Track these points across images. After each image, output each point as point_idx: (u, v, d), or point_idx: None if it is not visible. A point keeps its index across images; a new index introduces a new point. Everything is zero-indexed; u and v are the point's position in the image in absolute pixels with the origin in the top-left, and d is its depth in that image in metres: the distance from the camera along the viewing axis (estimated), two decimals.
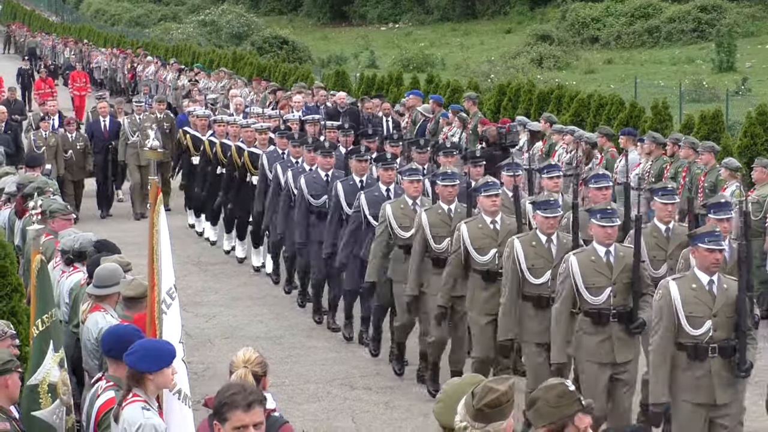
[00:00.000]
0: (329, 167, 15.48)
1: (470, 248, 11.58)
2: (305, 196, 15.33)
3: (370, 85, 30.83)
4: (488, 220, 11.66)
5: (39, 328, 7.80)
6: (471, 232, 11.61)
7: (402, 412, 12.11)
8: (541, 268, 10.78)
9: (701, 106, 26.37)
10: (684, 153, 17.23)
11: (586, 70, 46.50)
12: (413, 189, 12.93)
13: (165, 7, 77.53)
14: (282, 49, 54.84)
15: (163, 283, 7.39)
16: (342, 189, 14.47)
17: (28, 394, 7.58)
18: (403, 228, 12.72)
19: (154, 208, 7.52)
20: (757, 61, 44.48)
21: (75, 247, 10.60)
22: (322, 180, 15.39)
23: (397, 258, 12.85)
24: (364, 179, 14.55)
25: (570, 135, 19.19)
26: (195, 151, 20.64)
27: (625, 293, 10.09)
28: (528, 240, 10.87)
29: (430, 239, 12.24)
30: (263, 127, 18.84)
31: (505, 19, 63.93)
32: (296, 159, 16.54)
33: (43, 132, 22.15)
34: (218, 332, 15.09)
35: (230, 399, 5.70)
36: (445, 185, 12.35)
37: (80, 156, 22.42)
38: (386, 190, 13.88)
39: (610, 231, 10.08)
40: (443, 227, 12.24)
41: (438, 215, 12.33)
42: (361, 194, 13.88)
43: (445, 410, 5.37)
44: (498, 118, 24.19)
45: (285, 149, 17.27)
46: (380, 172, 14.03)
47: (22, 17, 79.22)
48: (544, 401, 5.39)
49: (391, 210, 12.87)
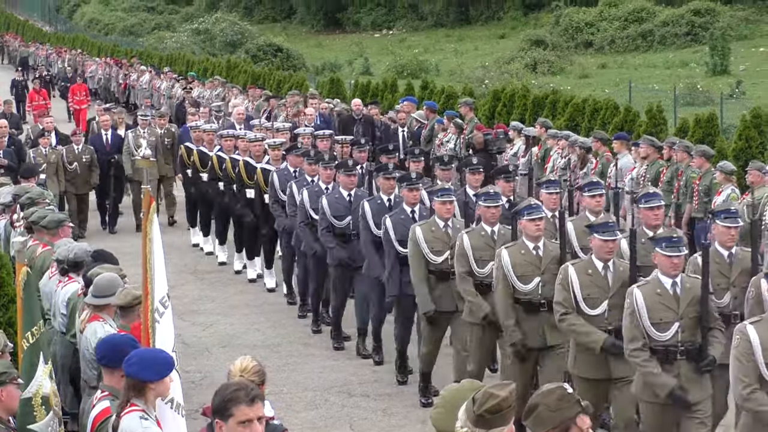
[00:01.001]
0: (352, 186, 14.45)
1: (512, 276, 10.71)
2: (328, 218, 14.32)
3: (365, 92, 30.86)
4: (531, 246, 10.76)
5: (29, 341, 7.81)
6: (513, 259, 10.73)
7: (400, 419, 12.09)
8: (596, 298, 9.93)
9: (696, 110, 26.42)
10: (679, 156, 17.24)
11: (581, 75, 46.55)
12: (445, 210, 12.06)
13: (159, 16, 77.60)
14: (276, 57, 54.88)
15: (156, 291, 7.39)
16: (369, 209, 13.49)
17: (22, 407, 7.58)
18: (435, 252, 11.95)
19: (147, 217, 7.52)
20: (751, 64, 44.54)
21: (70, 257, 10.58)
22: (344, 200, 14.37)
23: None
24: (392, 198, 13.61)
25: (565, 140, 19.20)
26: (202, 168, 19.55)
27: (693, 328, 9.29)
28: (583, 267, 10.03)
29: (473, 263, 11.38)
30: (276, 143, 17.67)
31: (498, 25, 64.02)
32: (312, 177, 15.49)
33: (43, 148, 21.36)
34: (215, 341, 15.07)
35: (233, 395, 5.76)
36: (488, 206, 11.48)
37: (85, 169, 21.62)
38: (411, 211, 12.92)
39: (677, 261, 9.28)
40: (487, 250, 11.37)
41: (481, 237, 11.46)
42: (387, 218, 12.88)
43: (442, 416, 5.36)
44: (493, 123, 24.21)
45: (297, 167, 16.33)
46: (405, 193, 13.03)
47: (15, 27, 79.21)
48: (544, 406, 5.37)
49: (422, 233, 12.02)
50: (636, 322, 9.22)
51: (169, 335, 7.42)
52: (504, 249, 10.82)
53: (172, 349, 7.37)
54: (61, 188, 21.15)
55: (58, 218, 12.24)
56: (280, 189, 16.20)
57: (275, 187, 16.31)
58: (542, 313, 10.63)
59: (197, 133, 20.36)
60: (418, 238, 12.00)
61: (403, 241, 12.40)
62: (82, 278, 10.16)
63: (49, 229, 11.91)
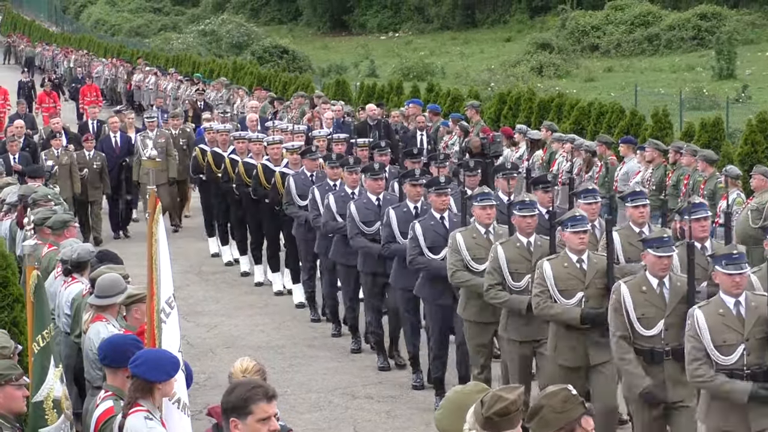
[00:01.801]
0: (380, 190, 13.86)
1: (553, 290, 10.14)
2: (357, 224, 13.68)
3: (370, 94, 30.88)
4: (574, 258, 10.16)
5: (40, 344, 7.82)
6: (555, 271, 10.13)
7: (404, 421, 12.10)
8: (652, 317, 9.34)
9: (701, 114, 26.39)
10: (686, 160, 17.24)
11: (586, 78, 46.52)
12: (485, 216, 11.43)
13: (165, 17, 77.60)
14: (282, 59, 54.88)
15: (162, 292, 7.40)
16: (395, 216, 12.97)
17: (34, 411, 7.60)
18: (477, 260, 11.31)
19: (153, 217, 7.53)
20: (757, 68, 44.48)
21: (73, 257, 10.60)
22: (373, 205, 13.76)
23: (469, 294, 11.52)
24: (418, 206, 13.00)
25: (570, 143, 19.20)
26: (217, 169, 19.08)
27: (759, 350, 8.75)
28: (637, 285, 9.40)
29: (507, 276, 10.80)
30: (294, 147, 17.07)
31: (504, 28, 63.97)
32: (334, 181, 15.00)
33: (55, 150, 20.69)
34: (220, 342, 15.09)
35: (252, 393, 5.78)
36: (523, 215, 10.87)
37: (96, 175, 20.95)
38: (440, 217, 12.36)
39: (739, 279, 8.73)
40: (522, 263, 10.84)
41: (516, 249, 10.89)
42: (416, 224, 12.31)
43: (446, 418, 5.37)
44: (498, 126, 24.22)
45: (313, 171, 15.88)
46: (432, 198, 12.43)
47: (22, 28, 79.26)
48: (549, 408, 5.37)
49: (463, 239, 11.41)
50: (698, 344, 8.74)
51: (175, 336, 7.43)
52: (546, 261, 10.23)
53: (178, 350, 7.38)
54: (76, 190, 20.53)
55: (64, 219, 12.26)
56: (297, 194, 15.68)
57: (291, 192, 15.75)
58: (585, 331, 10.07)
59: (211, 135, 20.05)
60: (459, 245, 11.41)
61: (434, 247, 12.01)
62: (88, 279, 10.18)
63: (55, 229, 11.93)
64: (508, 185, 12.62)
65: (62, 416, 7.70)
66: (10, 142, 20.32)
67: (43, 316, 8.00)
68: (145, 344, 7.62)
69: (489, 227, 11.49)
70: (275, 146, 17.29)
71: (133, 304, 8.98)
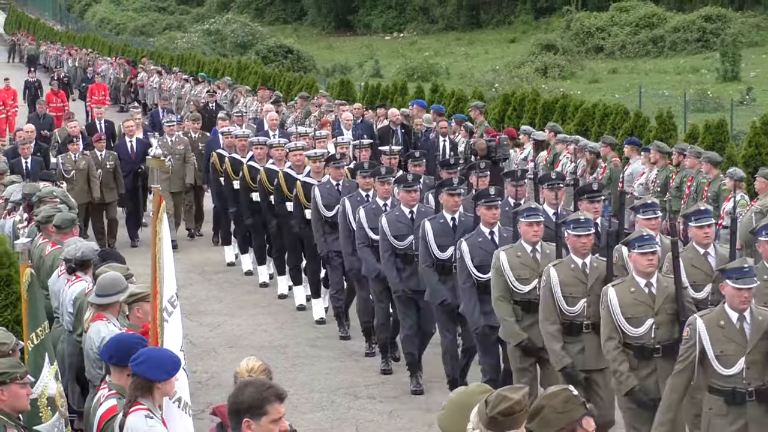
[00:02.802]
0: (414, 203, 13.00)
1: (618, 319, 9.42)
2: (388, 238, 12.88)
3: (375, 95, 30.87)
4: (642, 283, 9.48)
5: (34, 342, 7.82)
6: (620, 298, 9.45)
7: (406, 421, 12.09)
8: (731, 355, 8.73)
9: (706, 116, 26.39)
10: (689, 162, 17.23)
11: (591, 80, 46.50)
12: (532, 233, 10.70)
13: (170, 17, 77.65)
14: (287, 59, 54.91)
15: (165, 291, 7.40)
16: (431, 229, 12.19)
17: None
18: (521, 281, 10.64)
19: (157, 216, 7.53)
20: (762, 70, 44.45)
21: (77, 255, 10.61)
22: (406, 218, 12.94)
23: (517, 315, 10.79)
24: (456, 217, 12.29)
25: (574, 145, 19.19)
26: (235, 176, 18.12)
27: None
28: (714, 319, 8.80)
29: (561, 301, 10.04)
30: (317, 154, 16.12)
31: (509, 29, 63.97)
32: (366, 192, 14.11)
33: (72, 154, 19.91)
34: (222, 341, 15.08)
35: (266, 394, 5.82)
36: (578, 235, 10.06)
37: (109, 176, 20.12)
38: (489, 233, 11.50)
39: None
40: (578, 286, 10.05)
41: (570, 271, 10.09)
42: (463, 242, 11.50)
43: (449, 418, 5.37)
44: (502, 127, 24.21)
45: (339, 180, 15.07)
46: (482, 212, 11.58)
47: (27, 26, 79.31)
48: (550, 408, 5.37)
49: (506, 258, 10.69)
50: None
51: (178, 335, 7.44)
52: (611, 288, 9.54)
53: (180, 349, 7.38)
54: (95, 195, 19.87)
55: (71, 217, 12.26)
56: (323, 205, 14.85)
57: (318, 204, 14.87)
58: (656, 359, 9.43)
59: (229, 139, 19.11)
60: (502, 265, 10.70)
61: (483, 266, 11.23)
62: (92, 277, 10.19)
63: (63, 228, 11.92)
64: (556, 197, 12.05)
65: (57, 414, 7.69)
66: (22, 145, 19.87)
67: (37, 313, 8.00)
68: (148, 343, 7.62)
69: (536, 245, 10.73)
70: (298, 153, 16.43)
71: (135, 303, 8.98)
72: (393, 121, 22.14)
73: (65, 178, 19.33)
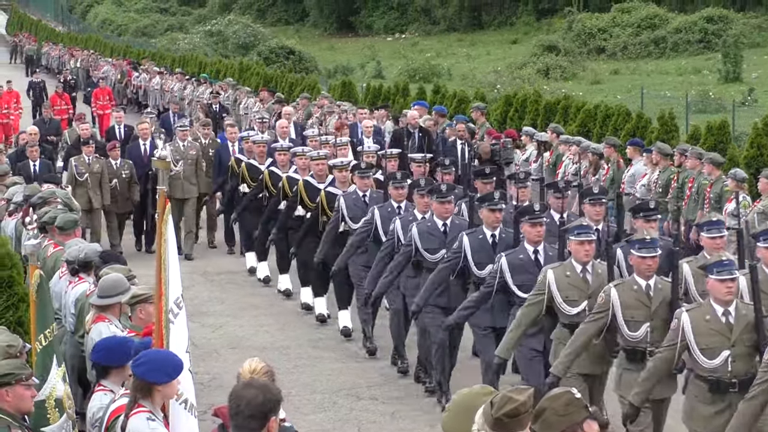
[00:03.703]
0: (447, 215, 12.30)
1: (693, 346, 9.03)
2: (420, 251, 12.22)
3: (377, 96, 30.88)
4: (719, 311, 8.97)
5: (42, 344, 7.82)
6: (695, 325, 9.02)
7: (408, 422, 12.09)
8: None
9: (708, 117, 26.37)
10: (690, 164, 17.24)
11: (593, 81, 46.52)
12: (584, 253, 10.05)
13: (172, 18, 77.71)
14: (288, 60, 54.93)
15: (171, 292, 7.39)
16: (469, 245, 11.53)
17: (36, 410, 7.59)
18: (570, 302, 10.01)
19: (162, 217, 7.53)
20: (764, 71, 44.45)
21: (80, 257, 10.62)
22: (438, 230, 12.24)
23: (562, 338, 10.14)
24: (497, 233, 11.56)
25: (576, 146, 19.20)
26: (252, 182, 17.60)
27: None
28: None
29: (622, 325, 9.48)
30: (343, 163, 15.44)
31: (511, 30, 63.99)
32: (398, 203, 13.42)
33: (86, 157, 19.35)
34: (224, 342, 15.08)
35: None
36: (643, 256, 9.53)
37: (125, 185, 19.65)
38: (534, 251, 10.84)
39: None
40: (641, 309, 9.50)
41: (633, 292, 9.52)
42: (503, 257, 10.79)
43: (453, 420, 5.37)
44: (504, 128, 24.20)
45: (366, 190, 14.38)
46: (526, 228, 10.84)
47: (29, 27, 79.35)
48: (551, 411, 5.37)
49: (554, 278, 10.03)
50: None
51: (183, 336, 7.43)
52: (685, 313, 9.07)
53: (185, 350, 7.38)
54: (105, 201, 19.43)
55: (74, 218, 12.27)
56: (348, 216, 14.22)
57: (344, 216, 14.23)
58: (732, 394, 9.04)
59: (247, 144, 18.54)
60: (549, 284, 10.04)
61: (523, 285, 10.59)
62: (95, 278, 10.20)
63: (65, 229, 11.93)
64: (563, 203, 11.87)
65: (64, 416, 7.70)
66: (30, 147, 19.45)
67: (46, 315, 8.00)
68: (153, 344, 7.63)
69: (587, 265, 10.07)
70: (321, 162, 15.72)
71: (138, 305, 8.98)
72: (411, 123, 21.28)
73: (78, 182, 18.90)
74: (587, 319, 9.68)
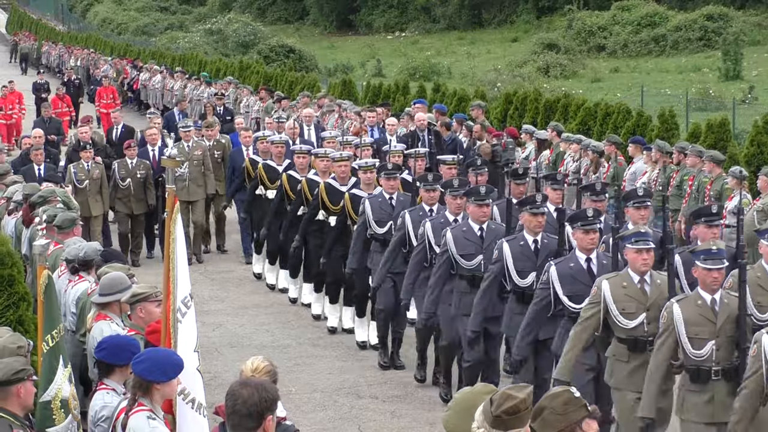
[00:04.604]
0: (485, 218, 11.67)
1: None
2: (454, 256, 11.61)
3: (377, 94, 30.88)
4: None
5: (49, 344, 7.83)
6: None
7: (409, 421, 12.09)
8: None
9: (708, 115, 26.37)
10: (690, 161, 17.24)
11: (593, 79, 46.48)
12: (642, 262, 9.43)
13: (172, 16, 77.67)
14: (288, 58, 54.86)
15: (179, 291, 7.39)
16: (510, 252, 10.91)
17: (41, 410, 7.61)
18: (626, 315, 9.42)
19: (171, 216, 7.53)
20: (764, 69, 44.42)
21: (80, 255, 10.63)
22: (474, 234, 11.64)
23: (618, 354, 9.58)
24: (539, 239, 10.98)
25: (577, 144, 19.20)
26: (270, 184, 17.04)
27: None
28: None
29: (685, 342, 8.89)
30: (368, 164, 14.69)
31: (511, 28, 63.92)
32: (430, 206, 12.80)
33: (85, 163, 18.70)
34: (225, 341, 15.09)
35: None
36: (708, 268, 8.95)
37: (139, 186, 18.92)
38: (586, 260, 10.14)
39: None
40: (705, 326, 8.91)
41: (697, 308, 8.93)
42: (552, 266, 10.17)
43: (453, 418, 5.37)
44: (504, 127, 24.19)
45: (393, 193, 13.73)
46: (578, 236, 10.17)
47: (29, 26, 79.33)
48: (550, 409, 5.39)
49: (610, 289, 9.41)
50: None
51: (192, 335, 7.42)
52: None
53: (194, 349, 7.38)
54: (106, 208, 18.90)
55: (72, 217, 12.27)
56: (374, 220, 13.59)
57: (370, 220, 13.63)
58: None
59: (264, 144, 17.84)
60: (604, 296, 9.42)
61: (575, 296, 10.01)
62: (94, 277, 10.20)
63: (63, 228, 11.93)
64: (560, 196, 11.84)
65: (69, 416, 7.71)
66: (35, 151, 18.72)
67: (53, 315, 8.01)
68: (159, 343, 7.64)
69: (644, 275, 9.48)
70: (343, 164, 15.16)
71: (138, 303, 8.98)
72: (419, 126, 20.53)
73: (77, 189, 18.32)
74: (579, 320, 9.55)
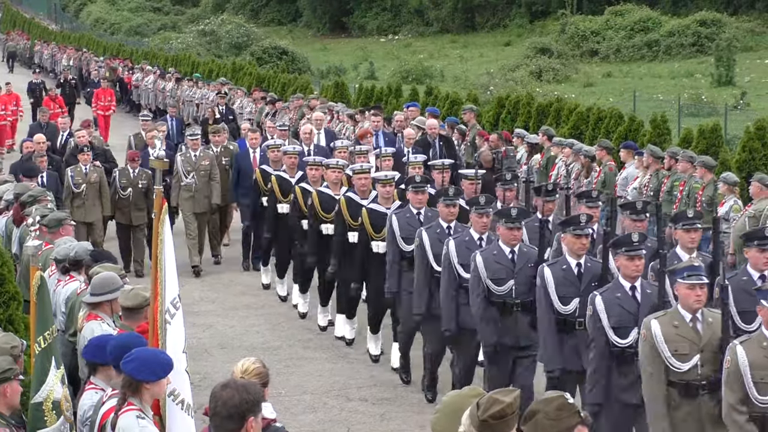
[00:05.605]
0: (516, 242, 10.83)
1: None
2: (484, 281, 10.84)
3: (369, 97, 30.86)
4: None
5: (41, 345, 7.82)
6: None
7: (398, 423, 12.09)
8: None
9: (700, 120, 26.38)
10: (682, 167, 17.24)
11: (585, 84, 46.51)
12: (695, 298, 8.68)
13: (165, 17, 77.68)
14: (281, 60, 54.87)
15: (167, 293, 7.38)
16: (552, 277, 10.10)
17: (33, 412, 7.60)
18: (678, 356, 8.70)
19: (159, 217, 7.52)
20: (756, 75, 44.50)
21: (71, 255, 10.61)
22: (506, 257, 10.81)
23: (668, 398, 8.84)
24: (582, 262, 10.15)
25: (569, 148, 19.20)
26: (283, 197, 16.17)
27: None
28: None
29: (751, 389, 8.26)
30: (387, 177, 13.79)
31: (504, 32, 63.96)
32: (449, 223, 12.00)
33: (83, 166, 18.29)
34: (215, 342, 15.08)
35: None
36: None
37: (141, 196, 18.38)
38: (631, 288, 9.41)
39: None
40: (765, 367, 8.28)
41: (761, 350, 8.29)
42: (597, 296, 9.39)
43: (442, 421, 5.36)
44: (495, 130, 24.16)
45: (421, 208, 12.76)
46: (623, 262, 9.45)
47: (21, 25, 79.26)
48: (543, 414, 5.37)
49: (660, 329, 8.71)
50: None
51: (180, 336, 7.42)
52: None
53: (182, 350, 7.38)
54: (105, 212, 18.47)
55: (59, 216, 12.26)
56: (402, 238, 12.64)
57: (396, 237, 12.70)
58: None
59: (274, 153, 17.06)
60: (654, 336, 8.73)
61: (620, 328, 9.34)
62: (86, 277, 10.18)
63: (51, 227, 11.92)
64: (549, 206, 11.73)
65: (62, 418, 7.69)
66: (39, 158, 18.16)
67: (46, 316, 7.99)
68: None
69: (697, 313, 8.72)
70: (363, 176, 14.25)
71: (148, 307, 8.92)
72: (430, 134, 19.68)
73: (75, 193, 18.07)
74: None
